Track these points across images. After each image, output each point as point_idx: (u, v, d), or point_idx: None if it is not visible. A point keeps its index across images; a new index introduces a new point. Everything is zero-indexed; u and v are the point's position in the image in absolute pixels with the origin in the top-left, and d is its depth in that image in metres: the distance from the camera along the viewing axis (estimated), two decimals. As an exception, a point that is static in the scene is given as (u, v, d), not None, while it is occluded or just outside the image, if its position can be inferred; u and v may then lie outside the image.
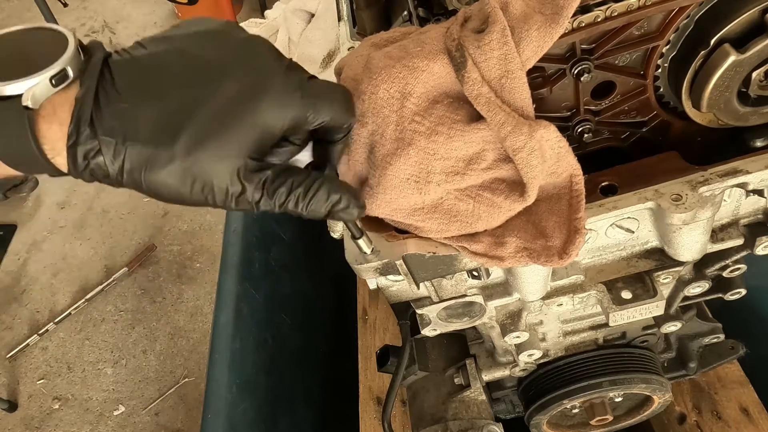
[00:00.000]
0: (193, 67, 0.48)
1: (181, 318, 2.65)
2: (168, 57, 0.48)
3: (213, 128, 0.46)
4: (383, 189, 0.59)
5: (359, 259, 0.65)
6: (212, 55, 0.49)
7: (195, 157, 0.46)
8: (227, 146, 0.47)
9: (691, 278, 0.85)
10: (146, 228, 3.01)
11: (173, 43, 0.49)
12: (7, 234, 3.16)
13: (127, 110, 0.46)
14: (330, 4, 1.75)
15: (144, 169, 0.46)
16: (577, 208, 0.60)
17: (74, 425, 2.43)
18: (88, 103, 0.45)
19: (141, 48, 0.49)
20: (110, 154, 0.46)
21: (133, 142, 0.46)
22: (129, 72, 0.47)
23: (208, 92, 0.47)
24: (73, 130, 0.45)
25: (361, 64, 0.60)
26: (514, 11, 0.56)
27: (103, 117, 0.45)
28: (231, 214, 1.56)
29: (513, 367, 1.06)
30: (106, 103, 0.46)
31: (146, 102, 0.46)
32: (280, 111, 0.49)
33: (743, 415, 1.22)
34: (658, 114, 0.71)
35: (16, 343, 2.70)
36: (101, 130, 0.45)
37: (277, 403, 1.43)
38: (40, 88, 0.44)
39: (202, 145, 0.46)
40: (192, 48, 0.49)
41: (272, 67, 0.50)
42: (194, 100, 0.47)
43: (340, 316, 1.80)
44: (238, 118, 0.47)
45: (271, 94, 0.48)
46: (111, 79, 0.47)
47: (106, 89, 0.46)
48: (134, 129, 0.46)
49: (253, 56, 0.50)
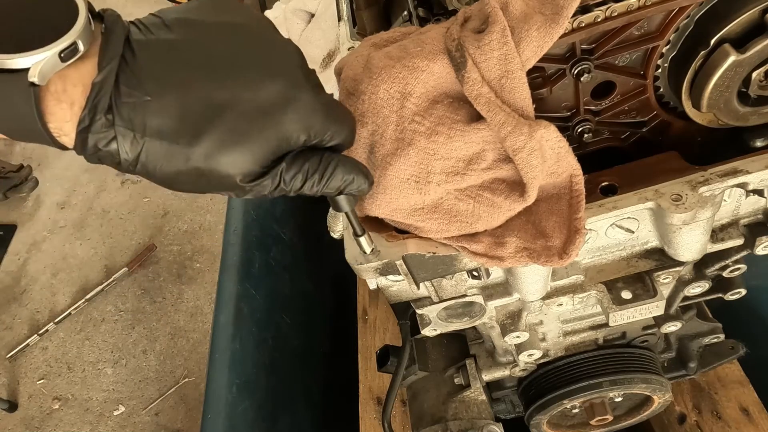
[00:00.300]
0: (222, 64, 0.46)
1: (181, 318, 2.65)
2: (196, 47, 0.46)
3: (235, 136, 0.45)
4: (383, 189, 0.59)
5: (359, 259, 0.65)
6: (243, 55, 0.47)
7: (213, 160, 0.45)
8: (246, 155, 0.46)
9: (691, 278, 0.85)
10: (146, 228, 3.01)
11: (202, 31, 0.46)
12: (7, 234, 3.16)
13: (150, 104, 0.43)
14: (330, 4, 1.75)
15: (160, 164, 0.45)
16: (577, 208, 0.60)
17: (74, 425, 2.43)
18: (106, 91, 0.42)
19: (165, 30, 0.45)
20: (126, 145, 0.44)
21: (153, 137, 0.44)
22: (153, 58, 0.44)
23: (235, 96, 0.45)
24: (87, 117, 0.42)
25: (361, 64, 0.60)
26: (514, 11, 0.56)
27: (122, 107, 0.43)
28: (231, 214, 1.56)
29: (513, 367, 1.06)
30: (127, 92, 0.43)
31: (170, 96, 0.44)
32: (302, 128, 0.48)
33: (743, 415, 1.22)
34: (658, 114, 0.71)
35: (16, 343, 2.70)
36: (120, 121, 0.43)
37: (277, 403, 1.43)
38: (48, 63, 0.41)
39: (221, 152, 0.45)
40: (222, 41, 0.46)
41: (302, 81, 0.48)
42: (220, 101, 0.45)
43: (340, 316, 1.80)
44: (262, 128, 0.46)
45: (298, 110, 0.47)
46: (133, 63, 0.43)
47: (128, 76, 0.43)
48: (156, 124, 0.44)
49: (285, 65, 0.48)
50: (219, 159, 0.45)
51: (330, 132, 0.50)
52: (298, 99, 0.47)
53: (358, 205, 0.62)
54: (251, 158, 0.46)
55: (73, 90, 0.43)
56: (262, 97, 0.46)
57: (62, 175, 3.36)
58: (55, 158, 3.43)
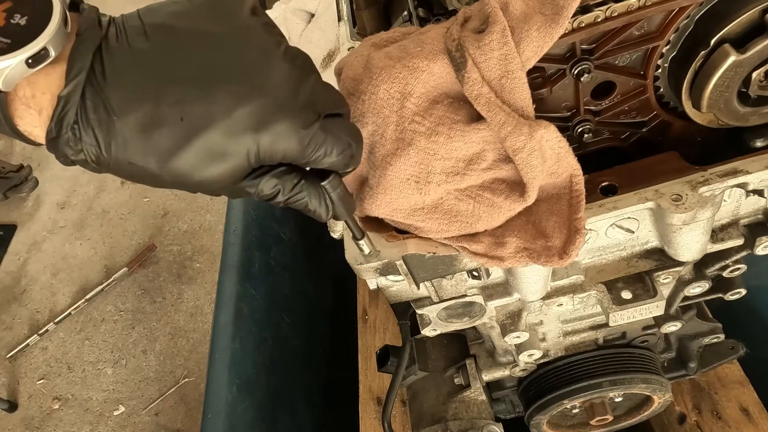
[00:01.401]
0: (195, 82, 0.42)
1: (181, 318, 2.64)
2: (170, 61, 0.42)
3: (206, 159, 0.43)
4: (383, 189, 0.59)
5: (359, 259, 0.65)
6: (219, 72, 0.43)
7: (183, 180, 0.44)
8: (217, 177, 0.44)
9: (691, 278, 0.85)
10: (146, 228, 3.01)
11: (181, 41, 0.43)
12: (7, 234, 3.16)
13: (117, 123, 0.41)
14: (330, 4, 1.75)
15: (130, 175, 0.44)
16: (577, 208, 0.60)
17: (74, 425, 2.43)
18: (72, 104, 0.40)
19: (142, 38, 0.42)
20: (92, 156, 0.42)
21: (120, 156, 0.42)
22: (122, 73, 0.41)
23: (205, 115, 0.42)
24: (54, 129, 0.41)
25: (361, 64, 0.60)
26: (514, 11, 0.55)
27: (89, 122, 0.41)
28: (231, 214, 1.56)
29: (513, 367, 1.06)
30: (93, 108, 0.41)
31: (134, 116, 0.41)
32: (279, 149, 0.45)
33: (743, 415, 1.22)
34: (658, 114, 0.71)
35: (16, 343, 2.70)
36: (86, 137, 0.41)
37: (277, 403, 1.43)
38: (14, 69, 0.39)
39: (190, 176, 0.44)
40: (200, 55, 0.43)
41: (282, 104, 0.44)
42: (189, 121, 0.42)
43: (340, 316, 1.80)
44: (237, 145, 0.43)
45: (272, 133, 0.44)
46: (101, 77, 0.41)
47: (95, 90, 0.41)
48: (123, 143, 0.42)
49: (266, 85, 0.44)
50: (188, 179, 0.44)
51: (308, 159, 0.47)
52: (274, 123, 0.44)
53: (358, 206, 0.62)
54: (227, 177, 0.45)
55: (42, 98, 0.41)
56: (235, 118, 0.42)
57: (62, 175, 3.36)
58: (54, 158, 3.43)
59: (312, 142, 0.46)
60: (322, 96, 0.48)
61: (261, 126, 0.43)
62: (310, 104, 0.46)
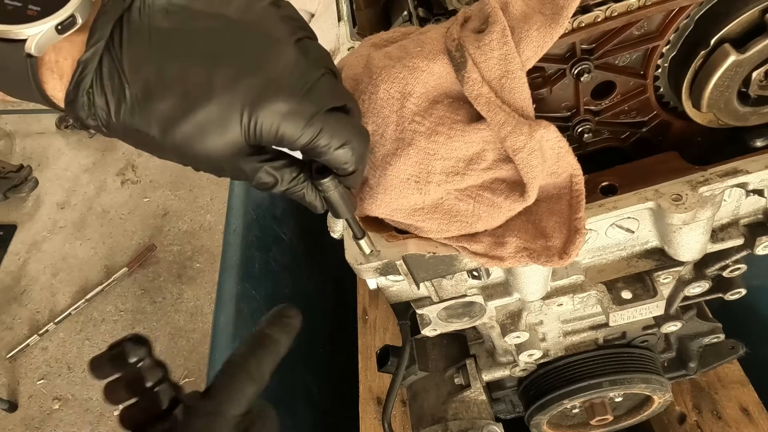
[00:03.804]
0: (206, 54, 0.45)
1: (181, 318, 2.64)
2: (185, 36, 0.45)
3: (205, 129, 0.45)
4: (383, 189, 0.59)
5: (359, 259, 0.65)
6: (231, 46, 0.45)
7: (183, 150, 0.46)
8: (215, 149, 0.46)
9: (691, 278, 0.85)
10: (146, 228, 3.01)
11: (197, 20, 0.45)
12: (7, 234, 3.16)
13: (126, 91, 0.44)
14: (330, 4, 1.75)
15: (136, 143, 0.47)
16: (577, 208, 0.60)
17: (74, 425, 2.43)
18: (90, 70, 0.43)
19: (163, 16, 0.45)
20: (103, 120, 0.45)
21: (127, 123, 0.45)
22: (143, 45, 0.44)
23: (209, 84, 0.44)
24: (71, 92, 0.44)
25: (361, 64, 0.60)
26: (514, 11, 0.56)
27: (102, 90, 0.44)
28: (231, 214, 1.56)
29: (513, 367, 1.06)
30: (108, 74, 0.43)
31: (144, 83, 0.44)
32: (276, 128, 0.46)
33: (743, 415, 1.22)
34: (658, 114, 0.71)
35: (16, 343, 2.69)
36: (99, 102, 0.44)
37: (277, 403, 1.42)
38: (45, 35, 0.42)
39: (190, 146, 0.45)
40: (212, 33, 0.45)
41: (288, 81, 0.46)
42: (193, 91, 0.44)
43: (340, 316, 1.80)
44: (234, 116, 0.45)
45: (275, 107, 0.45)
46: (119, 47, 0.43)
47: (112, 59, 0.43)
48: (130, 110, 0.44)
49: (274, 61, 0.46)
50: (188, 146, 0.46)
51: (305, 146, 0.47)
52: (273, 100, 0.45)
53: (358, 205, 0.62)
54: (217, 148, 0.46)
55: (64, 63, 0.44)
56: (234, 90, 0.44)
57: (62, 175, 3.36)
58: (55, 158, 3.43)
59: (310, 129, 0.46)
60: (329, 89, 0.48)
61: (259, 100, 0.45)
62: (314, 92, 0.47)
